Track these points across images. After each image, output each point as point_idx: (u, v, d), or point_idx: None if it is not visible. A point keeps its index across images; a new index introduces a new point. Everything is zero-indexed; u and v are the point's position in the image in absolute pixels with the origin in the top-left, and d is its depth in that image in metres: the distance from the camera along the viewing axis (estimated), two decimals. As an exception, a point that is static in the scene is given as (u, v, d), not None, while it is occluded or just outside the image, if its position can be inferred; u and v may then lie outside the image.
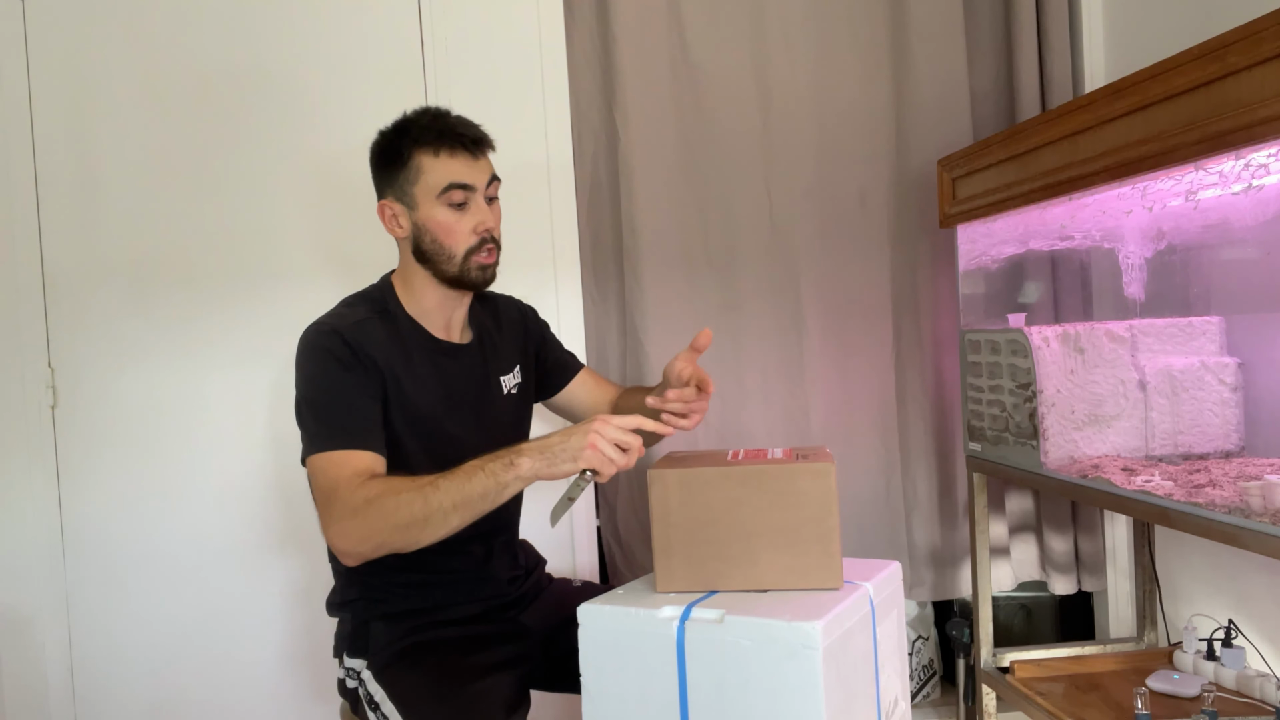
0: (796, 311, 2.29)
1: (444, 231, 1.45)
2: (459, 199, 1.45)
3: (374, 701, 1.42)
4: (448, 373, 1.52)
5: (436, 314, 1.53)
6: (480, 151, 1.48)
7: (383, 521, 1.27)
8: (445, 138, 1.44)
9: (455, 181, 1.44)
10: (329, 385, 1.39)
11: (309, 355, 1.42)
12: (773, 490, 1.26)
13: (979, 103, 2.36)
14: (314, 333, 1.43)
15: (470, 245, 1.46)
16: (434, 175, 1.44)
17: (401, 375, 1.45)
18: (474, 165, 1.46)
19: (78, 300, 2.08)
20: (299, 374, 1.42)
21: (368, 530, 1.28)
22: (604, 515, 2.29)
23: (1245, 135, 1.33)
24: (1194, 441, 1.84)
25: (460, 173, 1.44)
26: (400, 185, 1.47)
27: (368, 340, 1.42)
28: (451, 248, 1.46)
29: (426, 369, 1.49)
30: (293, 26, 2.13)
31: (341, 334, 1.41)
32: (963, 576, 2.37)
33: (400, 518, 1.26)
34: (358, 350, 1.40)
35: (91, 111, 2.08)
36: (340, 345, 1.40)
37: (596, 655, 1.27)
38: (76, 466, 2.08)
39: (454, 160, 1.44)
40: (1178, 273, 1.97)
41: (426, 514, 1.25)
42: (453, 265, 1.47)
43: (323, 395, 1.39)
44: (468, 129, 1.46)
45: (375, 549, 1.30)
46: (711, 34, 2.25)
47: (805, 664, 1.11)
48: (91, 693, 2.08)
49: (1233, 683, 1.92)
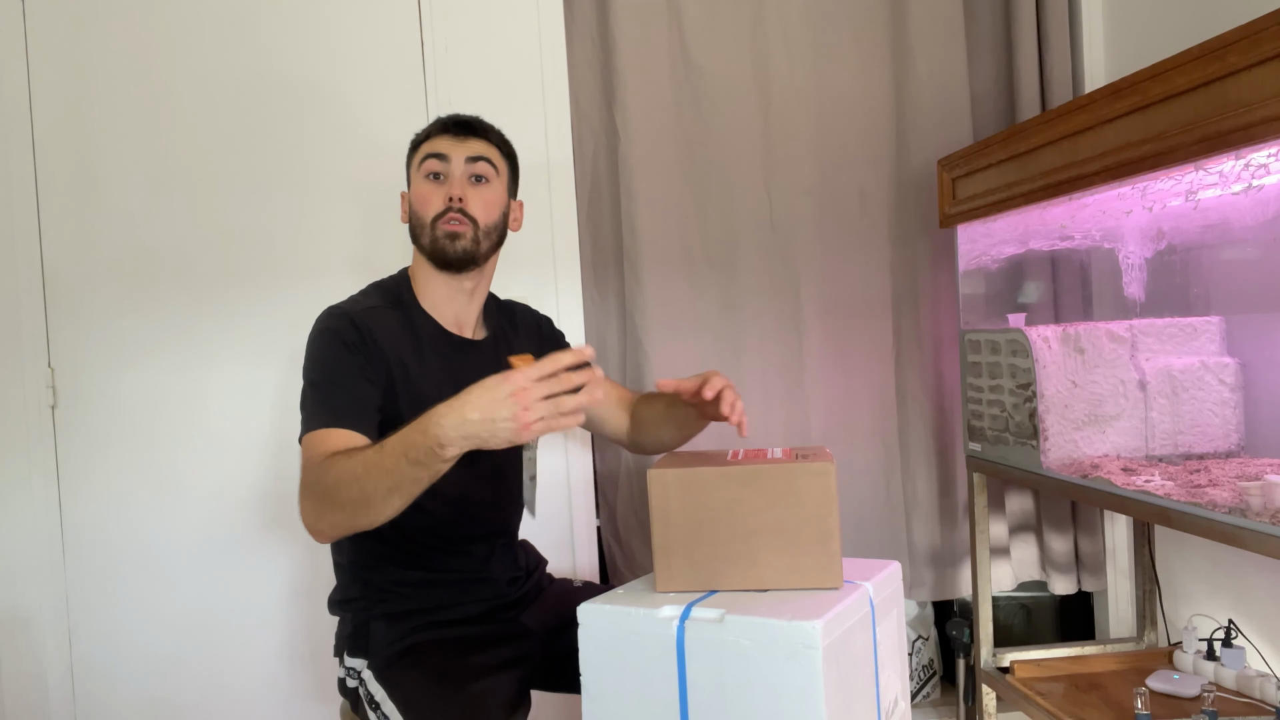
0: (796, 311, 2.29)
1: (419, 201, 1.53)
2: (434, 168, 1.52)
3: (374, 701, 1.43)
4: (459, 367, 1.52)
5: (446, 306, 1.55)
6: (464, 133, 1.54)
7: (328, 501, 1.26)
8: (438, 124, 1.56)
9: (430, 151, 1.53)
10: (327, 366, 1.41)
11: (317, 337, 1.44)
12: (772, 490, 1.26)
13: (979, 102, 2.36)
14: (326, 316, 1.46)
15: (437, 212, 1.50)
16: (420, 152, 1.55)
17: (410, 366, 1.46)
18: (455, 142, 1.53)
19: (78, 300, 2.07)
20: (306, 356, 1.44)
21: (320, 510, 1.28)
22: (604, 515, 2.29)
23: (1245, 135, 1.33)
24: (1194, 441, 1.84)
25: (438, 145, 1.53)
26: (407, 174, 1.58)
27: (377, 327, 1.44)
28: (423, 214, 1.52)
29: (436, 361, 1.50)
30: (292, 27, 2.13)
31: (351, 317, 1.43)
32: (963, 576, 2.37)
33: (340, 498, 1.24)
34: (365, 335, 1.42)
35: (91, 111, 2.08)
36: (349, 327, 1.42)
37: (596, 655, 1.27)
38: (76, 466, 2.08)
39: (439, 138, 1.54)
40: (1178, 273, 1.97)
41: (364, 496, 1.22)
42: (425, 234, 1.51)
43: (320, 376, 1.41)
44: (458, 115, 1.57)
45: (331, 527, 1.29)
46: (711, 33, 2.25)
47: (805, 663, 1.11)
48: (91, 692, 2.08)
49: (1233, 683, 1.92)
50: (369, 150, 2.14)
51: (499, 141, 1.58)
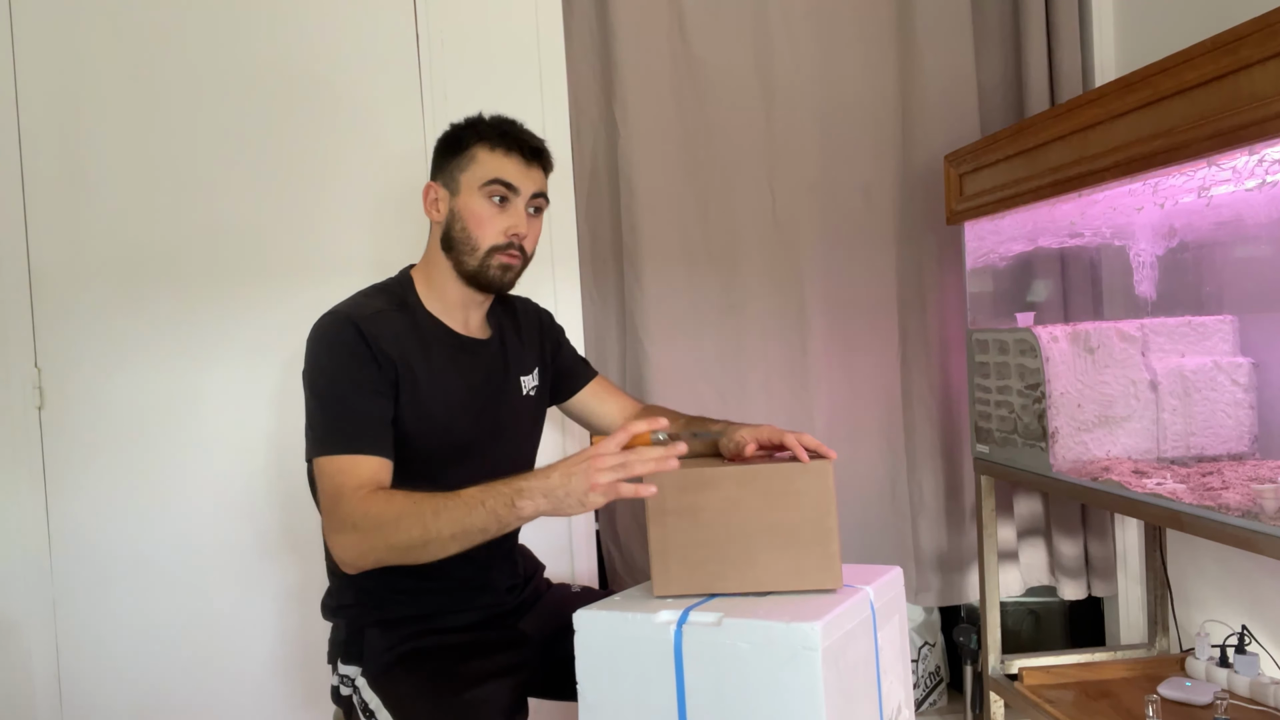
0: (800, 310, 2.28)
1: (475, 222, 1.48)
2: (500, 193, 1.48)
3: (369, 709, 1.41)
4: (467, 368, 1.51)
5: (456, 310, 1.54)
6: (535, 161, 1.52)
7: (381, 540, 1.28)
8: (506, 138, 1.49)
9: (500, 178, 1.47)
10: (339, 381, 1.38)
11: (321, 345, 1.41)
12: (771, 490, 1.26)
13: (987, 97, 2.35)
14: (329, 321, 1.43)
15: (496, 243, 1.48)
16: (484, 167, 1.48)
17: (418, 370, 1.44)
18: (524, 170, 1.50)
19: (65, 299, 2.06)
20: (309, 363, 1.41)
21: (366, 546, 1.30)
22: (603, 519, 2.28)
23: (1259, 130, 1.33)
24: (1206, 443, 1.84)
25: (508, 171, 1.48)
26: (450, 170, 1.50)
27: (384, 333, 1.41)
28: (479, 239, 1.47)
29: (445, 364, 1.49)
30: (285, 23, 2.12)
31: (357, 324, 1.40)
32: (970, 581, 2.36)
33: (399, 539, 1.27)
34: (373, 343, 1.39)
35: (79, 107, 2.06)
36: (355, 337, 1.39)
37: (593, 661, 1.26)
38: (64, 469, 2.06)
39: (507, 159, 1.48)
40: (1190, 271, 1.97)
41: (425, 540, 1.26)
42: (474, 258, 1.48)
43: (331, 391, 1.38)
44: (530, 138, 1.52)
45: (374, 563, 1.32)
46: (713, 26, 2.24)
47: (804, 666, 1.11)
48: (79, 700, 2.07)
49: (1246, 690, 1.90)
50: (363, 147, 2.13)
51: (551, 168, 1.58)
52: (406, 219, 1.95)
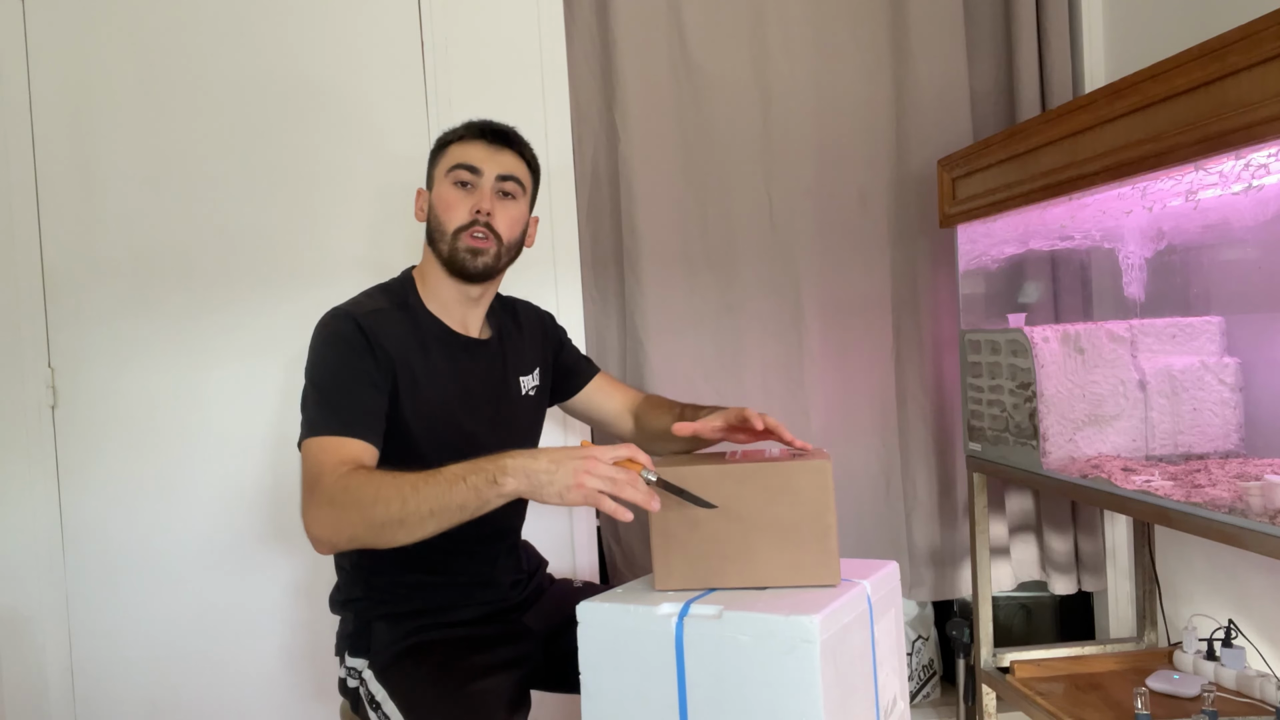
0: (796, 311, 2.29)
1: (443, 206, 1.50)
2: (463, 178, 1.50)
3: (375, 701, 1.42)
4: (465, 368, 1.52)
5: (454, 309, 1.54)
6: (501, 145, 1.53)
7: (358, 515, 1.23)
8: (471, 127, 1.54)
9: (463, 161, 1.50)
10: (334, 370, 1.39)
11: (321, 338, 1.43)
12: (770, 488, 1.26)
13: (979, 102, 2.36)
14: (330, 317, 1.45)
15: (461, 224, 1.49)
16: (450, 157, 1.52)
17: (416, 368, 1.45)
18: (489, 154, 1.51)
19: (78, 299, 2.07)
20: (309, 357, 1.43)
21: (342, 521, 1.24)
22: (604, 516, 2.28)
23: (1245, 135, 1.33)
24: (1194, 441, 1.84)
25: (471, 155, 1.51)
26: (431, 172, 1.56)
27: (382, 330, 1.43)
28: (446, 222, 1.50)
29: (443, 363, 1.50)
30: (292, 26, 2.13)
31: (357, 319, 1.42)
32: (963, 576, 2.37)
33: (376, 515, 1.21)
34: (371, 338, 1.41)
35: (91, 110, 2.08)
36: (354, 331, 1.41)
37: (595, 653, 1.26)
38: (76, 466, 2.08)
39: (471, 145, 1.52)
40: (1178, 273, 1.97)
41: (403, 515, 1.20)
42: (445, 243, 1.49)
43: (326, 380, 1.39)
44: (493, 123, 1.55)
45: (348, 541, 1.26)
46: (711, 34, 2.25)
47: (803, 658, 1.11)
48: (91, 693, 2.08)
49: (1233, 683, 1.92)
50: (369, 149, 2.15)
51: (529, 157, 1.58)
52: (410, 223, 1.97)
